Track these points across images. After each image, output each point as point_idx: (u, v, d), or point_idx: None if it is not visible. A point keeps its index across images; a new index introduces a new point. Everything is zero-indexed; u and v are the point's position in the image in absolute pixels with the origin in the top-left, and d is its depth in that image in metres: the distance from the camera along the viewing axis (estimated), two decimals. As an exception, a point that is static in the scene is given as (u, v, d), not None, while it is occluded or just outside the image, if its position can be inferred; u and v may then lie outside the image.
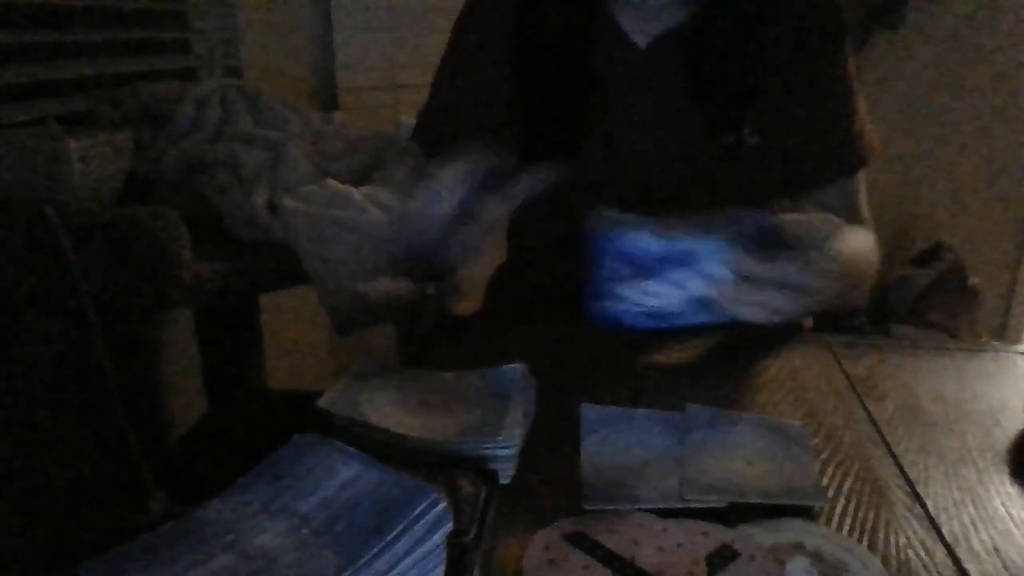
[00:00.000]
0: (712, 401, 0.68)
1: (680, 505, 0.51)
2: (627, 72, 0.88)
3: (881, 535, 0.50)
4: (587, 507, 0.51)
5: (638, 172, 0.88)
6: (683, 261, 0.69)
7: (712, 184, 0.88)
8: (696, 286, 0.70)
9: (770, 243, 0.70)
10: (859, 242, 0.85)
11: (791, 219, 0.70)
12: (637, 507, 0.51)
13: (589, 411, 0.63)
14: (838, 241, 0.78)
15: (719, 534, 0.49)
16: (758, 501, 0.51)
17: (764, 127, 0.86)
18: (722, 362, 0.77)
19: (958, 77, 2.42)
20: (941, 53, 2.41)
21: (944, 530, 0.51)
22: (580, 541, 0.48)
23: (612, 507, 0.51)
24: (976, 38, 2.39)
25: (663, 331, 0.72)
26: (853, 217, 0.91)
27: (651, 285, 0.68)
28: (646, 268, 0.68)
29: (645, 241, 0.68)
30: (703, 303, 0.71)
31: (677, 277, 0.70)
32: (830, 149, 0.89)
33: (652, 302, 0.72)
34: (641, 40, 0.87)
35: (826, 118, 0.88)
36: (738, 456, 0.57)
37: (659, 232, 0.68)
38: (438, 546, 0.41)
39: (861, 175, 0.93)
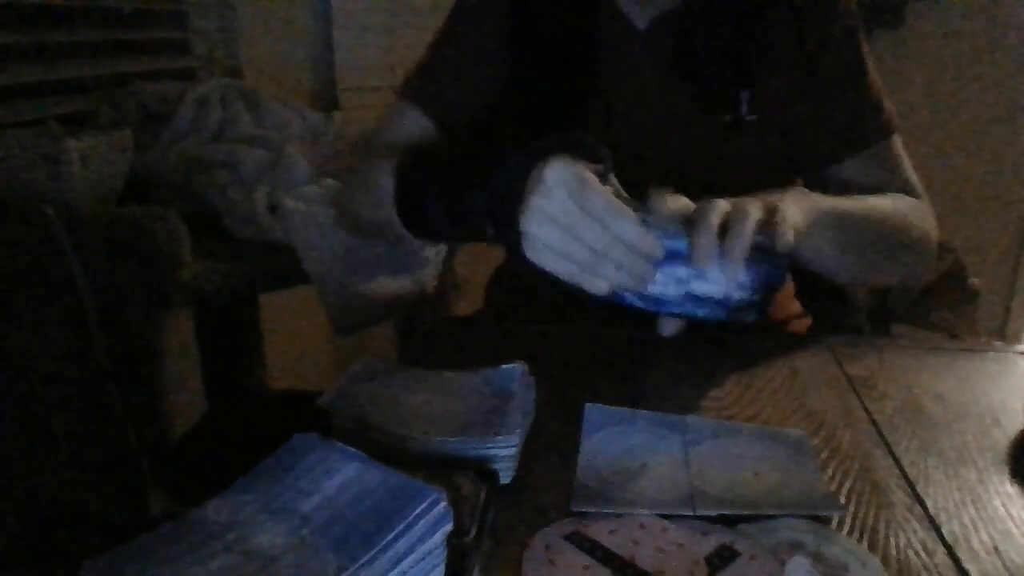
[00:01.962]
0: (712, 401, 0.68)
1: (675, 512, 0.51)
2: (626, 53, 0.88)
3: (881, 535, 0.50)
4: (576, 509, 0.51)
5: (637, 151, 0.88)
6: (686, 259, 0.67)
7: (712, 162, 0.88)
8: (698, 285, 0.69)
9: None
10: (916, 212, 0.85)
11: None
12: (629, 512, 0.51)
13: (593, 411, 0.63)
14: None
15: (719, 534, 0.49)
16: (774, 513, 0.51)
17: (764, 105, 0.86)
18: (722, 361, 0.77)
19: (958, 77, 2.42)
20: (941, 53, 2.41)
21: (944, 530, 0.51)
22: (580, 541, 0.48)
23: (601, 510, 0.51)
24: (975, 38, 2.39)
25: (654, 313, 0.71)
26: (899, 185, 0.89)
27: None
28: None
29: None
30: (700, 299, 0.71)
31: (679, 274, 0.69)
32: (845, 124, 0.88)
33: (650, 288, 0.71)
34: (640, 21, 0.87)
35: (837, 94, 0.87)
36: (744, 467, 0.57)
37: (667, 230, 0.66)
38: (438, 546, 0.41)
39: (899, 146, 0.90)
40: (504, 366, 0.65)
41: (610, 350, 0.79)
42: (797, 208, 0.69)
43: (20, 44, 1.26)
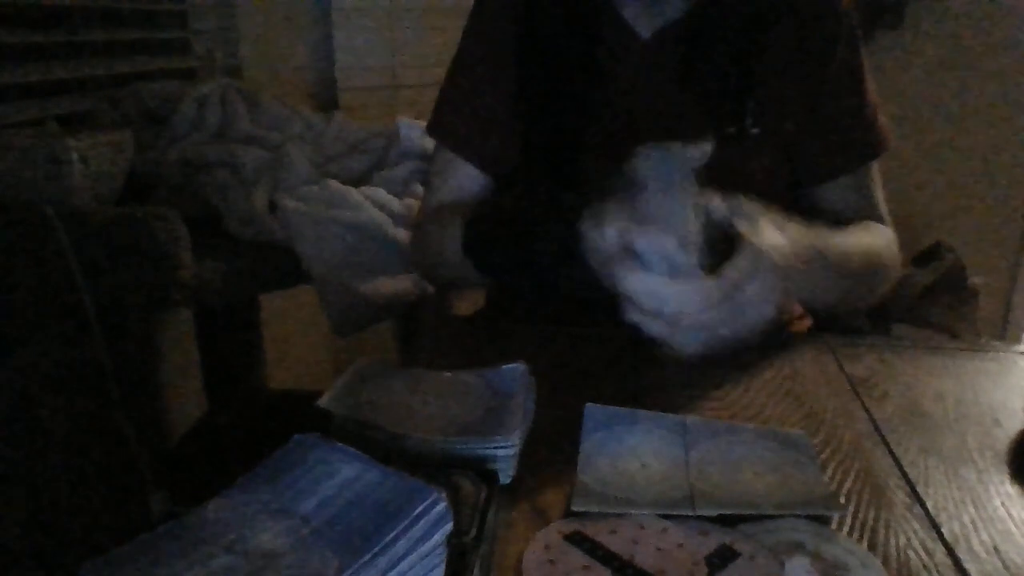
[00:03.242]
0: (712, 401, 0.68)
1: (675, 512, 0.51)
2: (630, 63, 0.88)
3: (881, 535, 0.50)
4: (576, 508, 0.51)
5: None
6: None
7: (715, 174, 0.88)
8: None
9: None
10: (875, 239, 0.85)
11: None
12: (629, 512, 0.51)
13: (593, 411, 0.63)
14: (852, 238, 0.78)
15: (719, 534, 0.49)
16: (774, 513, 0.51)
17: (766, 117, 0.86)
18: (722, 361, 0.77)
19: (958, 77, 2.42)
20: (941, 53, 2.41)
21: (944, 530, 0.51)
22: (580, 541, 0.48)
23: (601, 510, 0.51)
24: (976, 38, 2.39)
25: None
26: (868, 211, 0.90)
27: None
28: None
29: None
30: None
31: None
32: (840, 140, 0.88)
33: None
34: (644, 31, 0.87)
35: (834, 108, 0.87)
36: (744, 468, 0.56)
37: None
38: (438, 546, 0.41)
39: (875, 169, 0.92)
40: (504, 366, 0.65)
41: (610, 350, 0.79)
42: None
43: (20, 44, 1.26)
